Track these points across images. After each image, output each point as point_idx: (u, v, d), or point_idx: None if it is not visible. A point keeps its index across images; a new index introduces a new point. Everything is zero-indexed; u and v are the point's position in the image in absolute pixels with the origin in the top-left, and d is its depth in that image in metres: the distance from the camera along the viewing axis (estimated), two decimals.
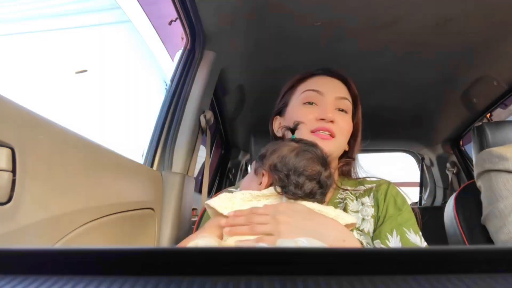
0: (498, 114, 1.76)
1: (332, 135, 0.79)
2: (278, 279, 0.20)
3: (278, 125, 0.89)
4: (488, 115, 1.73)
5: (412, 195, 2.71)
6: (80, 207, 0.63)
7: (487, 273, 0.20)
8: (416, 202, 2.66)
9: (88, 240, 0.65)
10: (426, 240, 0.72)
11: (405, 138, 2.38)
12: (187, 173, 1.10)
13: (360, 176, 0.87)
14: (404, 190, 0.81)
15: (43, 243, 0.53)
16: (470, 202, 1.07)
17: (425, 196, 2.59)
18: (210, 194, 1.84)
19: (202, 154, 1.30)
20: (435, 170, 2.42)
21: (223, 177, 2.10)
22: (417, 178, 2.66)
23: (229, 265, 0.21)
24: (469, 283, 0.19)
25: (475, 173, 1.03)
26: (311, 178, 0.67)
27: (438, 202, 2.42)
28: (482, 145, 1.10)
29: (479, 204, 1.02)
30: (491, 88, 1.51)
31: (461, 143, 2.16)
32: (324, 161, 0.70)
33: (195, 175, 1.23)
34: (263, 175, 0.70)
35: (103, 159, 0.73)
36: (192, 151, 1.14)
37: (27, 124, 0.51)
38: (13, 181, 0.47)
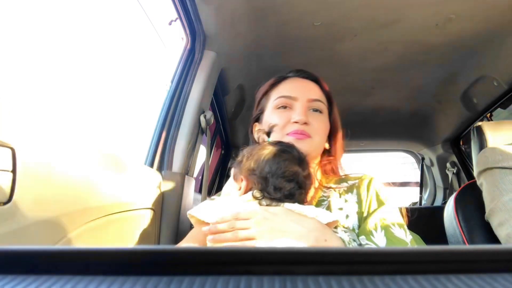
0: (498, 114, 1.76)
1: (307, 136, 0.80)
2: (278, 279, 0.20)
3: (257, 131, 0.90)
4: (488, 115, 1.73)
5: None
6: (80, 207, 0.63)
7: (487, 273, 0.20)
8: (416, 202, 2.66)
9: (88, 240, 0.65)
10: (425, 240, 0.72)
11: (405, 138, 2.38)
12: (187, 173, 1.10)
13: (344, 173, 0.87)
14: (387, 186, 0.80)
15: (43, 243, 0.53)
16: (470, 202, 1.07)
17: (425, 196, 2.59)
18: (210, 194, 1.84)
19: (202, 154, 1.30)
20: (435, 170, 2.42)
21: (223, 177, 2.10)
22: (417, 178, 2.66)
23: (229, 265, 0.21)
24: (469, 283, 0.19)
25: (476, 171, 1.03)
26: (289, 179, 0.66)
27: (438, 202, 2.42)
28: (482, 145, 1.10)
29: (479, 204, 1.02)
30: (491, 88, 1.51)
31: (461, 143, 2.16)
32: (301, 161, 0.70)
33: (195, 175, 1.23)
34: (241, 180, 0.70)
35: (103, 159, 0.73)
36: (192, 151, 1.14)
37: (27, 124, 0.51)
38: (13, 181, 0.47)
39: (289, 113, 0.83)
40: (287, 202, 0.66)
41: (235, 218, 0.62)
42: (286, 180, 0.66)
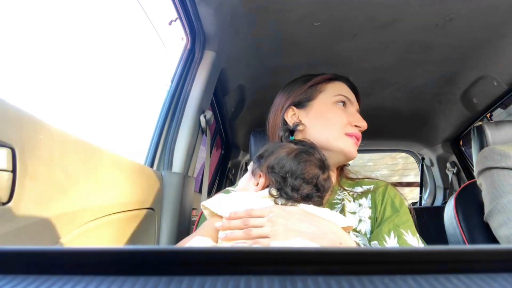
0: (498, 114, 1.76)
1: (358, 142, 0.83)
2: (278, 279, 0.20)
3: (291, 116, 0.87)
4: (488, 115, 1.73)
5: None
6: (80, 207, 0.63)
7: (487, 273, 0.20)
8: (416, 202, 2.66)
9: (88, 240, 0.65)
10: (426, 240, 0.72)
11: (405, 138, 2.38)
12: (187, 173, 1.10)
13: (358, 177, 0.87)
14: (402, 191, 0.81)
15: (43, 243, 0.53)
16: (470, 202, 1.07)
17: (425, 196, 2.59)
18: (210, 194, 1.84)
19: (202, 154, 1.30)
20: (435, 170, 2.42)
21: (223, 177, 2.10)
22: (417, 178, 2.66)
23: (229, 265, 0.21)
24: (469, 283, 0.19)
25: (476, 171, 1.03)
26: (308, 181, 0.66)
27: (438, 202, 2.43)
28: (482, 145, 1.10)
29: (479, 204, 1.02)
30: (491, 88, 1.51)
31: (461, 143, 2.16)
32: (322, 163, 0.69)
33: (195, 175, 1.23)
34: (260, 176, 0.70)
35: (103, 159, 0.73)
36: (192, 151, 1.14)
37: (27, 124, 0.51)
38: (13, 181, 0.47)
39: (347, 114, 0.84)
40: (303, 203, 0.66)
41: (249, 214, 0.60)
42: (305, 181, 0.66)
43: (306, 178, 0.66)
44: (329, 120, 0.82)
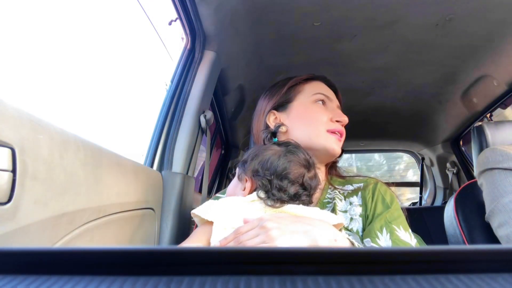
0: (498, 114, 1.76)
1: (342, 138, 0.84)
2: (278, 279, 0.20)
3: (273, 120, 0.89)
4: (488, 115, 1.73)
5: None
6: (80, 207, 0.63)
7: (487, 273, 0.20)
8: (416, 202, 2.66)
9: (88, 240, 0.65)
10: (426, 240, 0.72)
11: (405, 138, 2.38)
12: (187, 173, 1.10)
13: (349, 175, 0.88)
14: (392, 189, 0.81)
15: (43, 243, 0.53)
16: (470, 202, 1.07)
17: (425, 196, 2.59)
18: (210, 194, 1.84)
19: (202, 154, 1.30)
20: (435, 170, 2.42)
21: (223, 177, 2.10)
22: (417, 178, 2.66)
23: (229, 265, 0.21)
24: (469, 283, 0.19)
25: (477, 171, 1.03)
26: (293, 181, 0.66)
27: (438, 202, 2.43)
28: (482, 145, 1.10)
29: (479, 204, 1.02)
30: (491, 88, 1.51)
31: (461, 143, 2.16)
32: (307, 162, 0.70)
33: (195, 175, 1.23)
34: (246, 181, 0.70)
35: (103, 159, 0.73)
36: (192, 151, 1.13)
37: (27, 124, 0.51)
38: (13, 181, 0.47)
39: (328, 111, 0.86)
40: (292, 204, 0.66)
41: (238, 232, 0.59)
42: (290, 181, 0.66)
43: (291, 178, 0.66)
44: (310, 119, 0.83)
